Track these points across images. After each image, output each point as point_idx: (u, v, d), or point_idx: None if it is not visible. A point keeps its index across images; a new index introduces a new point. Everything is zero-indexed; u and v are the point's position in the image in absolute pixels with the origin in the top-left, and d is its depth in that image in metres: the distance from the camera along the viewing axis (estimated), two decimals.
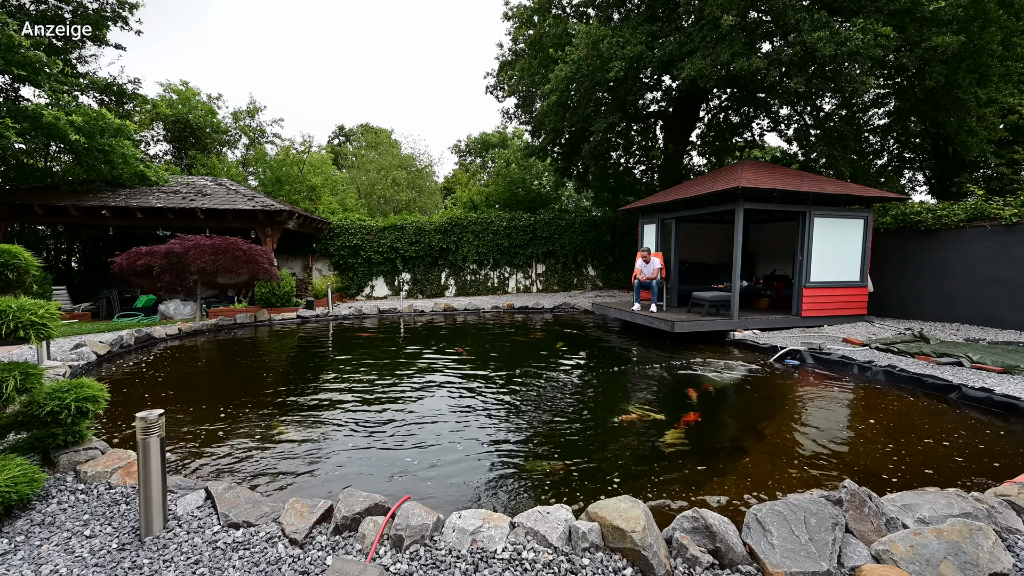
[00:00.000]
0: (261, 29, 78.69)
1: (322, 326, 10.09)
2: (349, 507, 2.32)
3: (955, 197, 13.96)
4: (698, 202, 8.76)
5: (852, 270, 8.45)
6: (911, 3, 8.51)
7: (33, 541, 2.23)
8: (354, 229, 14.39)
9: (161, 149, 18.83)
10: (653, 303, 8.94)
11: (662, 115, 15.83)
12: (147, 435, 2.25)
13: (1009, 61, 10.17)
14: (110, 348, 6.81)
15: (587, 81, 11.18)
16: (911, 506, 2.34)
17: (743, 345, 7.34)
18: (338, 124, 41.05)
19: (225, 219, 11.03)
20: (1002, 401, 4.32)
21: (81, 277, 13.78)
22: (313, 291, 13.31)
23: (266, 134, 21.41)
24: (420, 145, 34.57)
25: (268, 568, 2.04)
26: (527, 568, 1.99)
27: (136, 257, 9.13)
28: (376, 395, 5.06)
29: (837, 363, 5.98)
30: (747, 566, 1.99)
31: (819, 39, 8.37)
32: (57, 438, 2.99)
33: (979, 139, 10.64)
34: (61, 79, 9.62)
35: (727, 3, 9.03)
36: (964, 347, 6.16)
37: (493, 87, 16.37)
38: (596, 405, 4.72)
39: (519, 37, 14.90)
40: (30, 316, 2.71)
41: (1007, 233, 7.65)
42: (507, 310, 12.15)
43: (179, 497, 2.55)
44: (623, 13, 12.86)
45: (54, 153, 12.85)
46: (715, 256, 11.45)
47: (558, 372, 5.99)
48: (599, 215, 16.81)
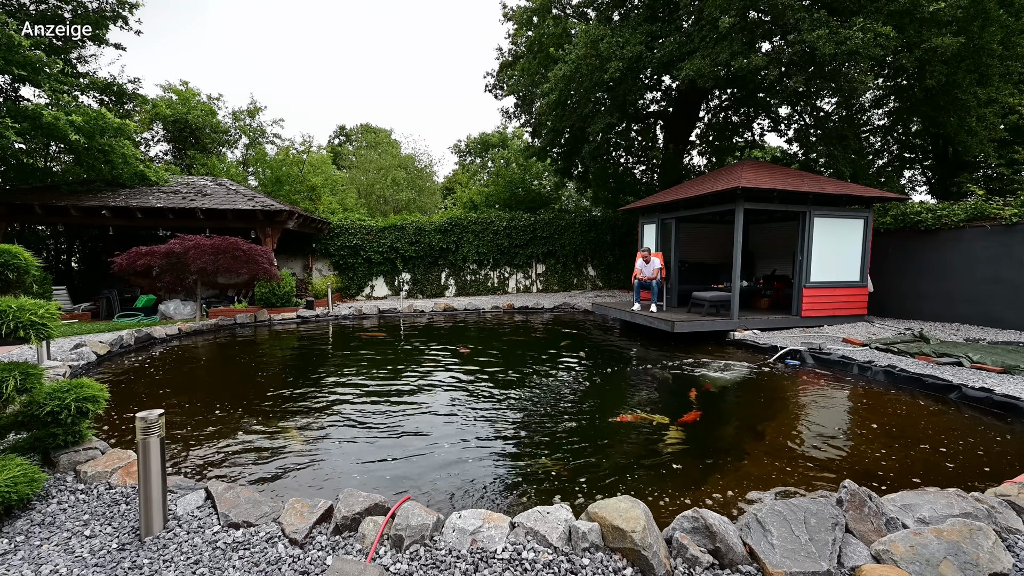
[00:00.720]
0: (261, 29, 78.74)
1: (322, 326, 10.09)
2: (349, 507, 2.32)
3: (955, 197, 13.96)
4: (698, 202, 8.75)
5: (852, 270, 8.45)
6: (911, 3, 8.51)
7: (33, 541, 2.23)
8: (354, 229, 14.39)
9: (161, 149, 18.85)
10: (653, 303, 8.94)
11: (662, 115, 15.83)
12: (147, 435, 2.25)
13: (1009, 61, 10.17)
14: (110, 348, 6.81)
15: (586, 81, 11.17)
16: (911, 506, 2.34)
17: (743, 345, 7.34)
18: (339, 124, 41.12)
19: (225, 219, 11.03)
20: (1002, 401, 4.32)
21: (81, 277, 13.77)
22: (313, 291, 13.31)
23: (266, 134, 21.42)
24: (420, 145, 34.65)
25: (268, 568, 2.04)
26: (527, 568, 1.99)
27: (136, 257, 9.13)
28: (376, 394, 5.06)
29: (837, 363, 5.98)
30: (747, 566, 1.99)
31: (818, 38, 8.37)
32: (57, 438, 2.98)
33: (979, 139, 10.64)
34: (61, 79, 9.62)
35: (726, 3, 9.03)
36: (964, 347, 6.16)
37: (493, 86, 16.38)
38: (596, 405, 4.72)
39: (519, 38, 14.90)
40: (30, 316, 2.71)
41: (1007, 233, 7.65)
42: (507, 310, 12.15)
43: (179, 497, 2.55)
44: (623, 13, 12.87)
45: (54, 153, 12.85)
46: (715, 256, 11.45)
47: (558, 372, 5.99)
48: (599, 215, 16.81)
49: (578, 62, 10.86)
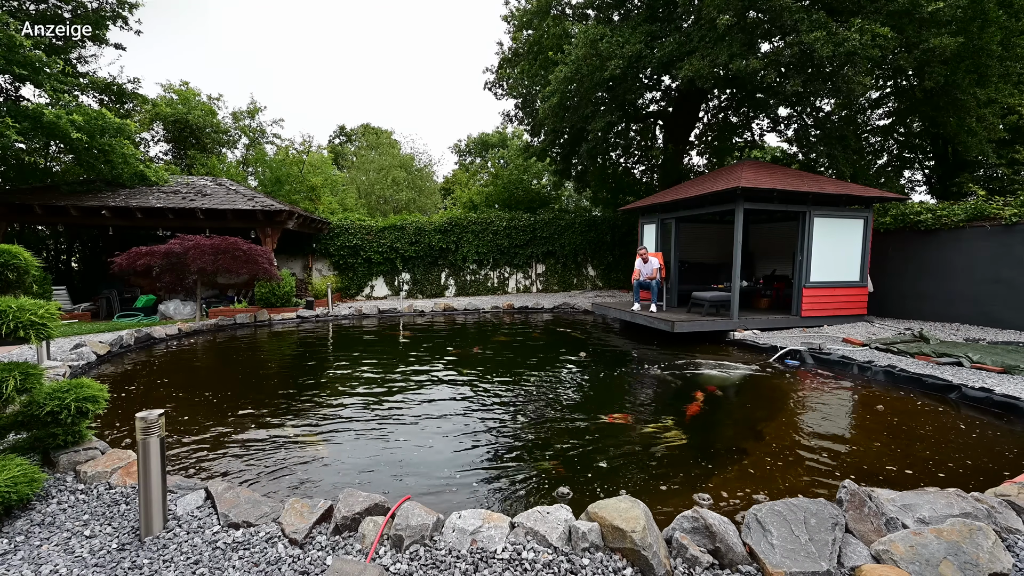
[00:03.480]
0: (261, 29, 78.77)
1: (322, 326, 10.09)
2: (349, 507, 2.32)
3: (955, 197, 13.96)
4: (698, 202, 8.76)
5: (852, 270, 8.45)
6: (910, 4, 8.51)
7: (33, 541, 2.23)
8: (354, 229, 14.39)
9: (161, 149, 18.84)
10: (653, 303, 8.94)
11: (662, 115, 15.82)
12: (147, 435, 2.25)
13: (1008, 61, 10.16)
14: (110, 348, 6.81)
15: (587, 81, 11.17)
16: (911, 506, 2.34)
17: (743, 345, 7.34)
18: (339, 124, 41.15)
19: (225, 219, 11.03)
20: (1002, 401, 4.32)
21: (81, 277, 13.77)
22: (313, 291, 13.31)
23: (266, 134, 21.41)
24: (420, 145, 34.67)
25: (268, 568, 2.04)
26: (527, 568, 1.99)
27: (136, 257, 9.13)
28: (376, 393, 5.06)
29: (837, 363, 5.98)
30: (747, 566, 1.99)
31: (816, 39, 8.37)
32: (57, 438, 2.98)
33: (979, 139, 10.64)
34: (61, 79, 9.62)
35: (724, 3, 9.03)
36: (964, 347, 6.16)
37: (492, 83, 16.35)
38: (596, 405, 4.72)
39: (519, 38, 14.89)
40: (30, 316, 2.71)
41: (1007, 233, 7.65)
42: (507, 310, 12.15)
43: (179, 497, 2.55)
44: (623, 13, 12.87)
45: (54, 153, 12.85)
46: (715, 256, 11.45)
47: (558, 372, 5.99)
48: (599, 215, 16.80)
49: (578, 62, 10.86)
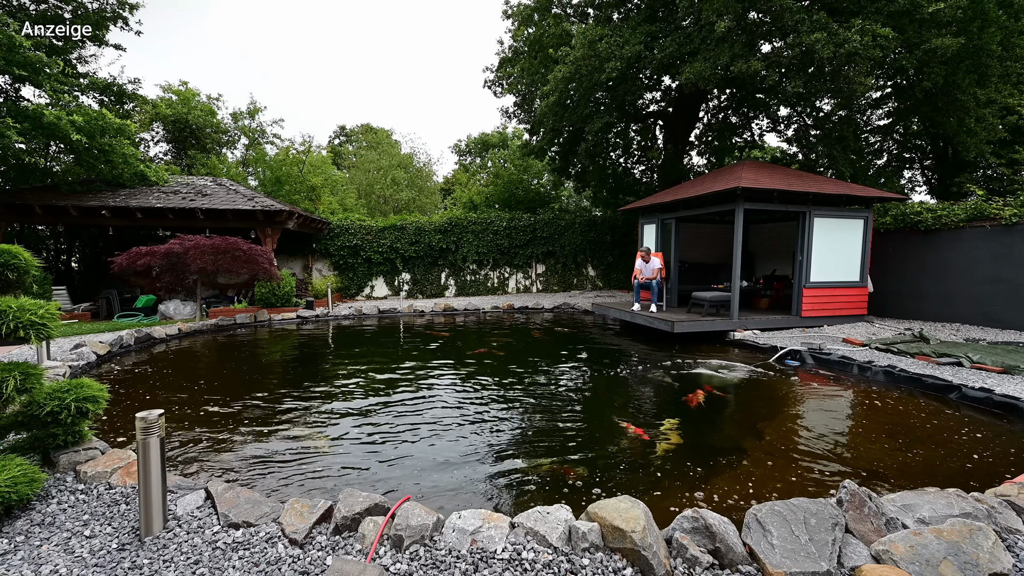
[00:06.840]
0: (261, 29, 78.74)
1: (322, 326, 10.09)
2: (349, 507, 2.32)
3: (955, 197, 13.97)
4: (698, 202, 8.76)
5: (852, 270, 8.45)
6: (910, 4, 8.51)
7: (33, 541, 2.23)
8: (354, 229, 14.39)
9: (161, 149, 18.85)
10: (653, 303, 8.94)
11: (662, 115, 15.82)
12: (147, 435, 2.25)
13: (1008, 61, 10.17)
14: (110, 348, 6.81)
15: (586, 81, 11.18)
16: (911, 506, 2.34)
17: (743, 345, 7.34)
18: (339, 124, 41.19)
19: (225, 219, 11.03)
20: (1002, 401, 4.32)
21: (81, 277, 13.77)
22: (313, 291, 13.31)
23: (266, 134, 21.43)
24: (419, 144, 34.70)
25: (268, 568, 2.04)
26: (527, 568, 1.99)
27: (136, 257, 9.12)
28: (376, 394, 5.06)
29: (837, 363, 5.98)
30: (747, 566, 1.99)
31: (817, 40, 8.37)
32: (57, 438, 2.98)
33: (978, 139, 10.64)
34: (61, 79, 9.62)
35: (722, 6, 9.03)
36: (964, 347, 6.16)
37: (492, 82, 16.33)
38: (596, 405, 4.72)
39: (519, 36, 14.89)
40: (30, 316, 2.70)
41: (1007, 233, 7.65)
42: (507, 310, 12.15)
43: (179, 497, 2.55)
44: (623, 13, 12.86)
45: (54, 153, 12.85)
46: (715, 256, 11.45)
47: (558, 372, 5.99)
48: (599, 215, 16.80)
49: (577, 63, 10.86)
